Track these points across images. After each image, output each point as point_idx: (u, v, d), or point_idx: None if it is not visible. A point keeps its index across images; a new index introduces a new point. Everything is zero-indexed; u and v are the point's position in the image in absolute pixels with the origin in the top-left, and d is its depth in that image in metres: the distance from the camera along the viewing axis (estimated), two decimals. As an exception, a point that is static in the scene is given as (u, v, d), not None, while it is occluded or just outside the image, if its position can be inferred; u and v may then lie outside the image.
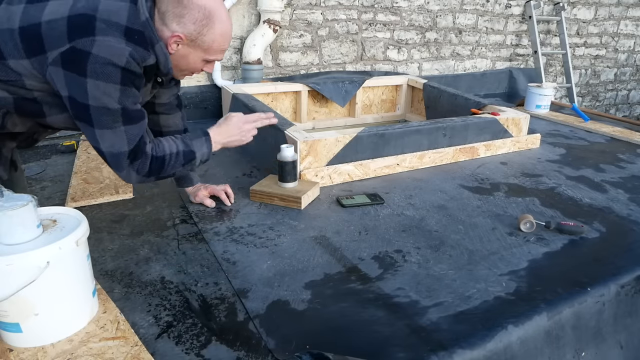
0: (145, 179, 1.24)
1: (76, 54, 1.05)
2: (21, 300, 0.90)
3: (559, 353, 1.15)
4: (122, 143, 1.15)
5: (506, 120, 2.26)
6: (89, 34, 1.06)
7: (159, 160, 1.23)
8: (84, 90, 1.07)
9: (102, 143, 1.15)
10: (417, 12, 3.40)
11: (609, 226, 1.57)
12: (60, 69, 1.06)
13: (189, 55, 1.21)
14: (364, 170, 1.91)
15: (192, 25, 1.16)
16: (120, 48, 1.08)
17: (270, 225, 1.51)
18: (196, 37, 1.18)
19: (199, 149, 1.31)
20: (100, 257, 1.30)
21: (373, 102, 3.04)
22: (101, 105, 1.10)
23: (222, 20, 1.20)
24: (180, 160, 1.28)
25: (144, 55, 1.13)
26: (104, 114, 1.11)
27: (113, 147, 1.15)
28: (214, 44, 1.20)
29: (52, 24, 1.06)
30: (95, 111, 1.10)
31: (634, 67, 4.88)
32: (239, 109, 2.28)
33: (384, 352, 0.98)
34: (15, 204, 0.91)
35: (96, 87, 1.07)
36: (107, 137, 1.14)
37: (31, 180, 1.82)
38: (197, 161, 1.32)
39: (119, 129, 1.14)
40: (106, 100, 1.10)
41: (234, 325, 1.05)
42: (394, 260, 1.33)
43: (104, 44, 1.06)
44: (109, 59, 1.06)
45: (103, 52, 1.06)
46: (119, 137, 1.15)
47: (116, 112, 1.12)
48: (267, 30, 2.75)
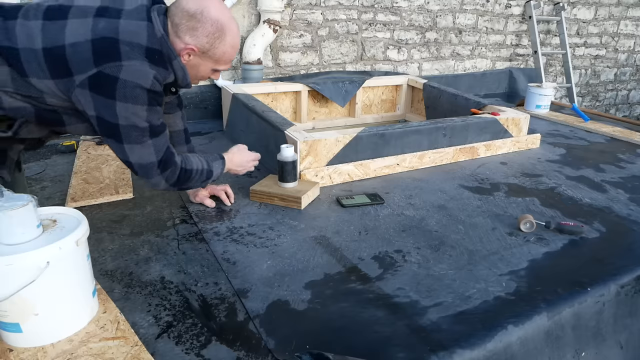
0: (170, 188, 1.35)
1: (104, 79, 1.11)
2: (21, 300, 0.90)
3: (559, 353, 1.15)
4: (150, 155, 1.24)
5: (506, 120, 2.26)
6: (116, 58, 1.11)
7: (187, 172, 1.35)
8: (113, 111, 1.14)
9: (131, 156, 1.23)
10: (417, 12, 3.40)
11: (609, 226, 1.57)
12: (88, 91, 1.12)
13: (199, 65, 1.27)
14: (364, 170, 1.91)
15: (205, 38, 1.21)
16: (145, 71, 1.14)
17: (270, 225, 1.51)
18: (208, 49, 1.23)
19: (216, 170, 1.46)
20: (100, 257, 1.30)
21: (373, 102, 3.04)
22: (130, 124, 1.17)
23: (232, 33, 1.25)
24: (203, 177, 1.41)
25: (165, 75, 1.20)
26: (133, 131, 1.19)
27: (142, 159, 1.24)
28: (224, 55, 1.26)
29: (77, 47, 1.10)
30: (125, 129, 1.17)
31: (634, 67, 4.88)
32: (239, 109, 2.28)
33: (384, 352, 0.98)
34: (15, 204, 0.91)
35: (125, 109, 1.14)
36: (136, 151, 1.22)
37: (31, 180, 1.82)
38: (211, 180, 1.46)
39: (147, 143, 1.22)
40: (135, 119, 1.17)
41: (234, 325, 1.05)
42: (394, 260, 1.33)
43: (130, 69, 1.12)
44: (136, 82, 1.13)
45: (130, 76, 1.12)
46: (147, 150, 1.23)
47: (144, 129, 1.20)
48: (267, 30, 2.75)
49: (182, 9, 1.20)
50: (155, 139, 1.24)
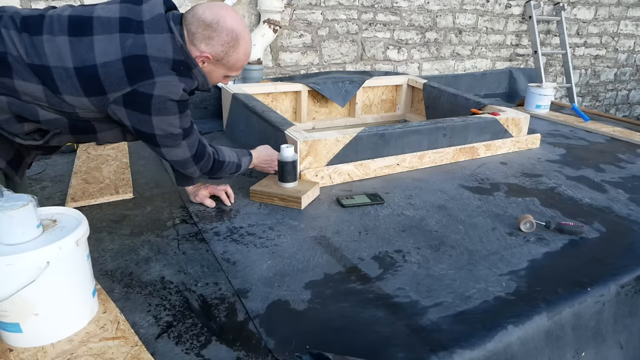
0: (204, 176, 1.48)
1: (139, 97, 1.17)
2: (21, 300, 0.90)
3: (559, 353, 1.15)
4: (185, 152, 1.35)
5: (506, 120, 2.26)
6: (149, 77, 1.16)
7: (220, 163, 1.47)
8: (150, 124, 1.23)
9: (168, 156, 1.35)
10: (417, 12, 3.40)
11: (609, 226, 1.57)
12: (123, 108, 1.19)
13: (212, 72, 1.31)
14: (364, 170, 1.91)
15: (220, 47, 1.25)
16: (176, 85, 1.20)
17: (270, 225, 1.51)
18: (222, 57, 1.28)
19: (244, 164, 1.57)
20: (100, 257, 1.30)
21: (373, 102, 3.04)
22: (166, 133, 1.27)
23: (246, 42, 1.30)
24: (232, 169, 1.52)
25: (190, 84, 1.26)
26: (169, 138, 1.28)
27: (177, 157, 1.35)
28: (237, 62, 1.31)
29: (109, 67, 1.14)
30: (161, 137, 1.27)
31: (634, 67, 4.88)
32: (239, 109, 2.28)
33: (384, 352, 0.98)
34: (15, 204, 0.91)
35: (160, 121, 1.23)
36: (172, 152, 1.33)
37: (31, 180, 1.82)
38: (238, 173, 1.56)
39: (182, 143, 1.32)
40: (170, 129, 1.26)
41: (234, 325, 1.05)
42: (394, 260, 1.33)
43: (163, 85, 1.18)
44: (168, 96, 1.20)
45: (163, 91, 1.19)
46: (182, 149, 1.33)
47: (179, 135, 1.29)
48: (267, 30, 2.75)
49: (199, 18, 1.22)
50: (188, 139, 1.33)
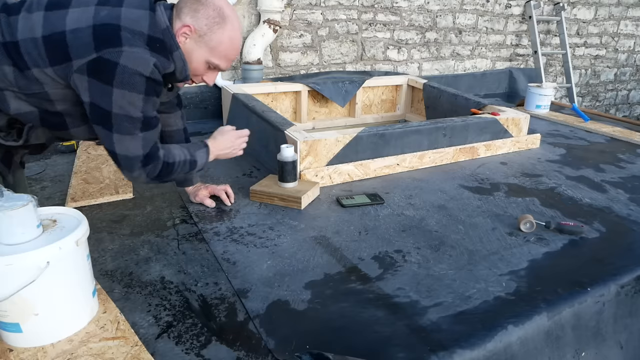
0: (151, 181, 1.29)
1: (103, 64, 1.08)
2: (21, 300, 0.90)
3: (559, 353, 1.15)
4: (138, 148, 1.20)
5: (506, 120, 2.26)
6: (116, 44, 1.09)
7: (169, 166, 1.29)
8: (109, 99, 1.11)
9: (118, 147, 1.18)
10: (417, 12, 3.40)
11: (609, 226, 1.57)
12: (86, 76, 1.09)
13: (193, 51, 1.22)
14: (364, 170, 1.91)
15: (204, 20, 1.19)
16: (146, 59, 1.11)
17: (270, 225, 1.51)
18: (205, 33, 1.19)
19: (201, 159, 1.38)
20: (100, 257, 1.30)
21: (373, 102, 3.04)
22: (124, 113, 1.14)
23: (234, 27, 1.23)
24: (186, 168, 1.34)
25: (165, 64, 1.17)
26: (126, 121, 1.15)
27: (128, 151, 1.19)
28: (220, 45, 1.22)
29: (77, 33, 1.09)
30: (117, 118, 1.14)
31: (634, 67, 4.88)
32: (239, 109, 2.28)
33: (384, 352, 0.98)
34: (15, 204, 0.91)
35: (122, 97, 1.11)
36: (124, 142, 1.18)
37: (31, 180, 1.82)
38: (196, 170, 1.39)
39: (138, 135, 1.18)
40: (130, 109, 1.14)
41: (234, 325, 1.05)
42: (394, 260, 1.33)
43: (131, 55, 1.10)
44: (136, 69, 1.10)
45: (130, 62, 1.09)
46: (136, 143, 1.19)
47: (137, 120, 1.16)
48: (267, 30, 2.75)
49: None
50: (147, 133, 1.20)
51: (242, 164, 2.05)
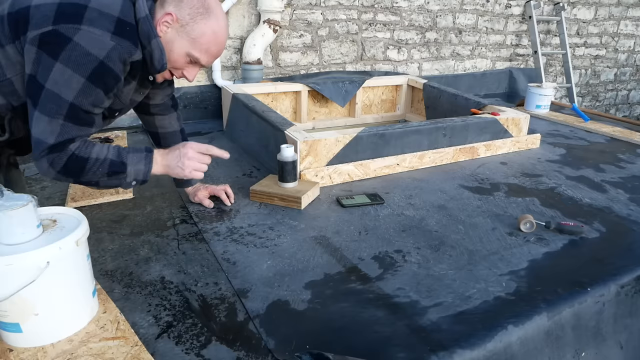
0: (61, 176, 1.14)
1: (55, 37, 1.02)
2: (21, 300, 0.90)
3: (559, 353, 1.15)
4: (50, 134, 1.08)
5: (506, 120, 2.26)
6: (76, 21, 1.03)
7: (79, 160, 1.12)
8: (48, 72, 1.03)
9: (34, 126, 1.08)
10: (417, 12, 3.40)
11: (609, 226, 1.57)
12: (35, 47, 1.03)
13: (174, 41, 1.17)
14: (364, 170, 1.91)
15: (187, 9, 1.15)
16: (102, 41, 1.05)
17: (270, 225, 1.51)
18: (187, 23, 1.15)
19: (133, 163, 1.20)
20: (100, 257, 1.30)
21: (373, 102, 3.04)
22: (55, 91, 1.05)
23: (218, 21, 1.19)
24: (105, 169, 1.16)
25: (129, 50, 1.10)
26: (52, 102, 1.06)
27: (41, 134, 1.08)
28: (202, 37, 1.17)
29: (41, 7, 1.05)
30: (46, 95, 1.05)
31: (634, 67, 4.88)
32: (239, 109, 2.28)
33: (384, 352, 0.98)
34: (15, 204, 0.91)
35: (61, 74, 1.04)
36: (41, 123, 1.07)
37: (31, 180, 1.82)
38: (129, 177, 1.20)
39: (57, 121, 1.08)
40: (63, 89, 1.05)
41: (234, 325, 1.05)
42: (394, 260, 1.33)
43: (87, 34, 1.03)
44: (88, 49, 1.03)
45: (84, 41, 1.03)
46: (51, 128, 1.08)
47: (64, 104, 1.07)
48: (267, 30, 2.75)
49: None
50: (68, 124, 1.08)
51: (242, 164, 2.05)
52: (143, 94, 1.35)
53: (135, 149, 1.23)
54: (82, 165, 1.13)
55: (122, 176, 1.19)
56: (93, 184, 1.19)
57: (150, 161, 1.23)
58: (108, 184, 1.20)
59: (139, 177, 1.21)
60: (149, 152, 1.24)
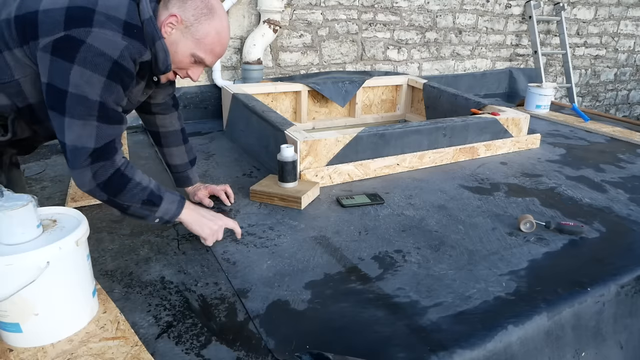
0: (98, 191, 1.12)
1: (69, 42, 1.04)
2: (21, 300, 0.90)
3: (559, 353, 1.15)
4: (89, 138, 1.08)
5: (506, 120, 2.26)
6: (87, 24, 1.05)
7: (123, 178, 1.14)
8: (67, 77, 1.04)
9: (68, 134, 1.07)
10: (417, 12, 3.40)
11: (609, 226, 1.57)
12: (49, 54, 1.04)
13: (179, 42, 1.18)
14: (364, 170, 1.91)
15: (192, 10, 1.16)
16: (115, 41, 1.07)
17: (270, 225, 1.51)
18: (192, 24, 1.16)
19: (168, 202, 1.23)
20: (100, 257, 1.30)
21: (373, 102, 3.04)
22: (80, 93, 1.05)
23: (221, 21, 1.20)
24: (143, 196, 1.18)
25: (140, 50, 1.12)
26: (80, 104, 1.06)
27: (78, 140, 1.07)
28: (206, 37, 1.18)
29: (49, 13, 1.06)
30: (72, 99, 1.05)
31: (634, 67, 4.88)
32: (239, 109, 2.28)
33: (384, 352, 0.98)
34: (15, 204, 0.91)
35: (81, 75, 1.04)
36: (75, 129, 1.07)
37: (31, 180, 1.82)
38: (158, 212, 1.22)
39: (91, 123, 1.08)
40: (87, 89, 1.05)
41: (234, 325, 1.05)
42: (394, 260, 1.33)
43: (99, 35, 1.05)
44: (102, 50, 1.05)
45: (97, 42, 1.04)
46: (87, 131, 1.08)
47: (94, 104, 1.07)
48: (267, 30, 2.75)
49: None
50: (102, 124, 1.09)
51: (242, 164, 2.05)
52: (147, 94, 1.36)
53: (171, 192, 1.26)
54: (125, 184, 1.15)
55: (154, 209, 1.21)
56: (124, 208, 1.19)
57: (181, 206, 1.27)
58: (136, 212, 1.20)
59: (166, 215, 1.24)
60: (182, 199, 1.28)
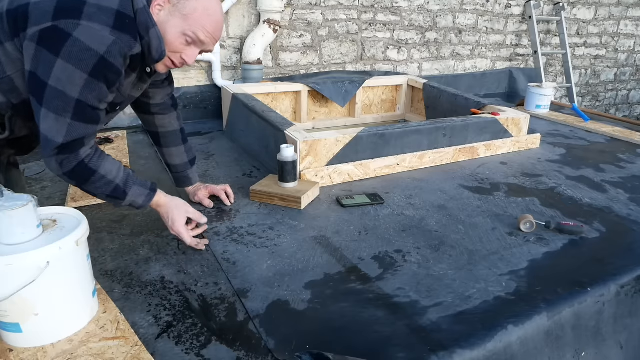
0: (66, 178, 1.16)
1: (56, 33, 1.02)
2: (21, 300, 0.90)
3: (559, 353, 1.15)
4: (58, 133, 1.08)
5: (506, 120, 2.26)
6: (75, 16, 1.03)
7: (87, 170, 1.16)
8: (50, 69, 1.03)
9: (42, 123, 1.08)
10: (417, 12, 3.40)
11: (609, 226, 1.57)
12: (35, 44, 1.03)
13: (167, 22, 1.16)
14: (364, 170, 1.91)
15: None
16: (102, 36, 1.05)
17: (270, 225, 1.51)
18: (178, 1, 1.15)
19: (134, 196, 1.25)
20: (100, 257, 1.30)
21: (373, 102, 3.04)
22: (60, 88, 1.05)
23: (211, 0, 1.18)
24: (106, 190, 1.20)
25: (129, 44, 1.10)
26: (58, 99, 1.06)
27: (49, 131, 1.08)
28: (194, 13, 1.16)
29: (40, 4, 1.04)
30: (51, 92, 1.05)
31: (634, 67, 4.88)
32: (239, 109, 2.28)
33: (384, 352, 0.98)
34: (15, 204, 0.91)
35: (63, 70, 1.03)
36: (48, 121, 1.08)
37: (31, 180, 1.82)
38: (124, 203, 1.25)
39: (64, 119, 1.08)
40: (67, 86, 1.05)
41: (234, 325, 1.05)
42: (394, 260, 1.33)
43: (87, 30, 1.03)
44: (88, 45, 1.03)
45: (84, 37, 1.03)
46: (59, 126, 1.08)
47: (71, 101, 1.07)
48: (267, 30, 2.74)
49: None
50: (75, 122, 1.09)
51: (242, 164, 2.05)
52: (141, 89, 1.34)
53: (142, 183, 1.27)
54: (89, 176, 1.16)
55: (119, 202, 1.24)
56: (94, 195, 1.22)
57: (149, 200, 1.29)
58: (104, 200, 1.24)
59: (134, 205, 1.27)
60: (152, 191, 1.30)
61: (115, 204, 1.26)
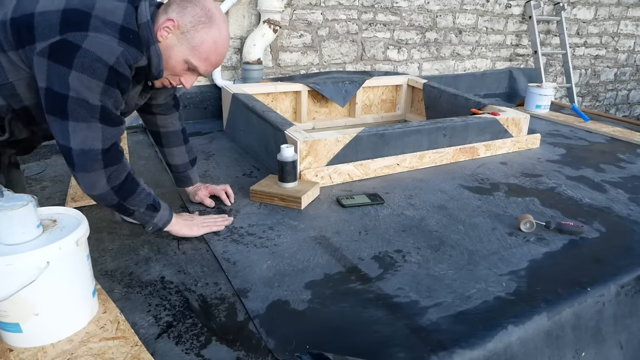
0: (111, 194, 1.15)
1: (66, 46, 1.03)
2: (21, 300, 0.90)
3: (559, 353, 1.15)
4: (96, 139, 1.09)
5: (506, 120, 2.26)
6: (83, 29, 1.05)
7: (134, 182, 1.20)
8: (65, 81, 1.04)
9: (73, 138, 1.08)
10: (417, 12, 3.40)
11: (609, 226, 1.57)
12: (46, 59, 1.04)
13: (173, 48, 1.17)
14: (364, 170, 1.91)
15: (190, 17, 1.16)
16: (111, 46, 1.07)
17: (270, 225, 1.51)
18: (188, 30, 1.16)
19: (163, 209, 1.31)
20: (100, 257, 1.30)
21: (373, 102, 3.04)
22: (81, 97, 1.05)
23: (220, 31, 1.19)
24: (148, 200, 1.24)
25: (136, 56, 1.11)
26: (82, 107, 1.06)
27: (85, 142, 1.08)
28: (202, 45, 1.17)
29: (45, 16, 1.05)
30: (73, 103, 1.05)
31: (634, 67, 4.88)
32: (239, 109, 2.28)
33: (384, 352, 0.98)
34: (15, 204, 0.91)
35: (79, 80, 1.04)
36: (80, 132, 1.07)
37: (31, 180, 1.82)
38: (156, 218, 1.29)
39: (95, 125, 1.08)
40: (87, 94, 1.06)
41: (234, 325, 1.05)
42: (394, 260, 1.33)
43: (95, 40, 1.05)
44: (99, 55, 1.05)
45: (94, 47, 1.04)
46: (93, 132, 1.08)
47: (95, 107, 1.08)
48: (267, 30, 2.74)
49: None
50: (106, 126, 1.10)
51: (242, 164, 2.05)
52: (145, 97, 1.36)
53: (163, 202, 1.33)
54: (135, 188, 1.20)
55: (155, 214, 1.28)
56: (130, 212, 1.24)
57: (171, 214, 1.35)
58: (139, 217, 1.27)
59: (160, 222, 1.31)
60: (171, 207, 1.36)
61: (148, 220, 1.28)
